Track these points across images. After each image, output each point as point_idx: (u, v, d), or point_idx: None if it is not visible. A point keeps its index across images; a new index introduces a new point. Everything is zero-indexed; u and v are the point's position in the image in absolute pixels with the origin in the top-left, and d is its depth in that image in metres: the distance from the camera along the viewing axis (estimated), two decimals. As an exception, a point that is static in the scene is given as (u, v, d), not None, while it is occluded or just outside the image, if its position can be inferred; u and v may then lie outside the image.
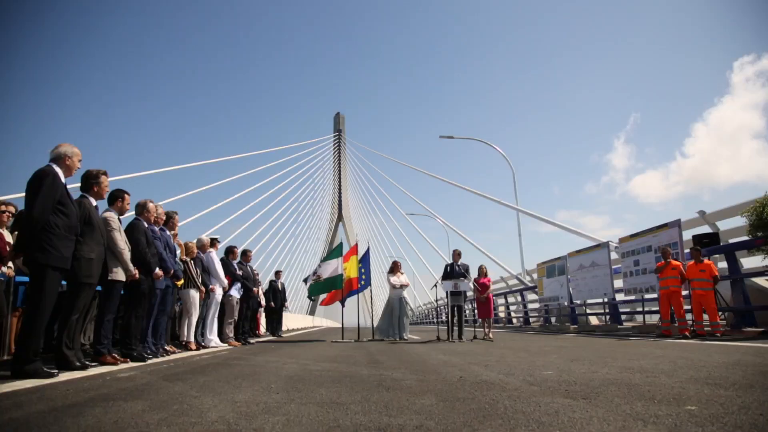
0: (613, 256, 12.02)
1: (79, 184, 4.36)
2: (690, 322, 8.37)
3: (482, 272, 10.43)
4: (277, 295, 14.98)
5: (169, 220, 6.45)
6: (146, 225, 5.35)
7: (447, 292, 9.31)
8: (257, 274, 11.29)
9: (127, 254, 4.72)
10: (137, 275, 4.91)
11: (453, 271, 9.62)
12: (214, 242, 8.34)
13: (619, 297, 11.75)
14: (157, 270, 5.33)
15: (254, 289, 9.62)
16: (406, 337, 10.01)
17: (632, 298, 10.99)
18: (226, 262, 8.57)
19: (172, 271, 5.90)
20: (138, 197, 5.45)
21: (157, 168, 20.35)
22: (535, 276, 17.76)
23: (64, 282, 4.07)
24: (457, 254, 9.87)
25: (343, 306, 10.85)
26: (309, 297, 11.34)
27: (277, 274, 16.43)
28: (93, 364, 4.33)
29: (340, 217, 64.59)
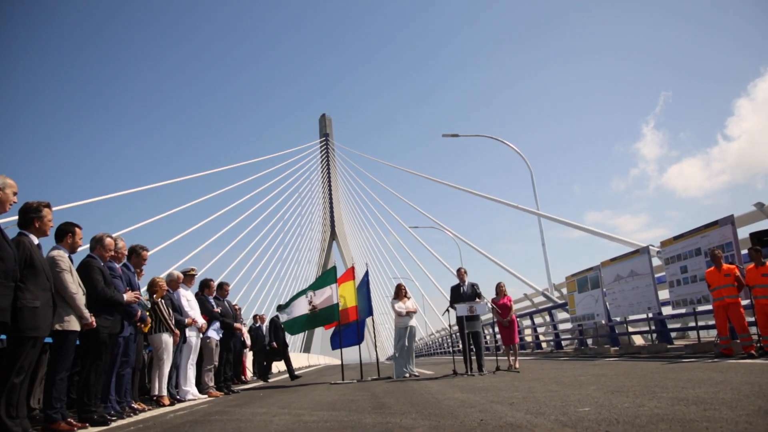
0: (656, 262, 11.96)
1: (16, 219, 4.32)
2: (755, 338, 8.28)
3: (501, 291, 10.40)
4: (258, 340, 14.92)
5: (133, 256, 6.42)
6: (102, 263, 5.32)
7: (462, 318, 9.25)
8: (239, 309, 11.24)
9: (81, 299, 4.69)
10: (94, 323, 4.87)
11: (462, 293, 9.59)
12: (189, 276, 8.29)
13: (666, 311, 11.66)
14: (126, 295, 5.33)
15: (237, 324, 9.57)
16: (415, 373, 9.94)
17: (682, 311, 10.86)
18: (201, 299, 8.53)
19: (139, 314, 5.87)
20: (89, 230, 5.43)
21: (109, 193, 20.25)
22: (564, 291, 17.64)
23: (2, 336, 4.02)
24: (462, 273, 9.86)
25: (341, 347, 10.78)
26: (290, 332, 11.27)
27: (257, 318, 16.32)
28: (44, 434, 4.26)
29: (333, 235, 64.63)
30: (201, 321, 8.03)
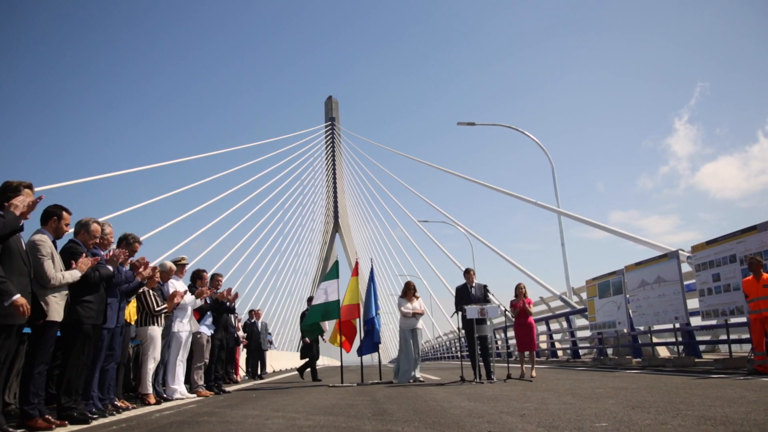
0: (686, 268, 11.88)
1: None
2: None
3: (522, 292, 10.39)
4: (253, 337, 15.04)
5: (123, 244, 6.43)
6: (85, 249, 5.34)
7: (471, 321, 9.25)
8: (231, 299, 11.23)
9: (61, 278, 4.71)
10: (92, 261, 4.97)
11: (469, 295, 9.59)
12: (179, 265, 8.33)
13: (695, 321, 11.59)
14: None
15: (231, 317, 9.64)
16: (420, 378, 9.97)
17: (712, 322, 10.76)
18: (193, 291, 8.57)
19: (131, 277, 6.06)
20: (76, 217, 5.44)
21: (100, 173, 20.42)
22: (584, 296, 17.59)
23: None
24: (471, 274, 9.86)
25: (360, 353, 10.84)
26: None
27: (252, 313, 16.44)
28: (20, 430, 4.28)
29: (336, 227, 64.82)
30: (191, 298, 8.07)
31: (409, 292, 10.42)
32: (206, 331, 8.71)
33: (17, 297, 4.05)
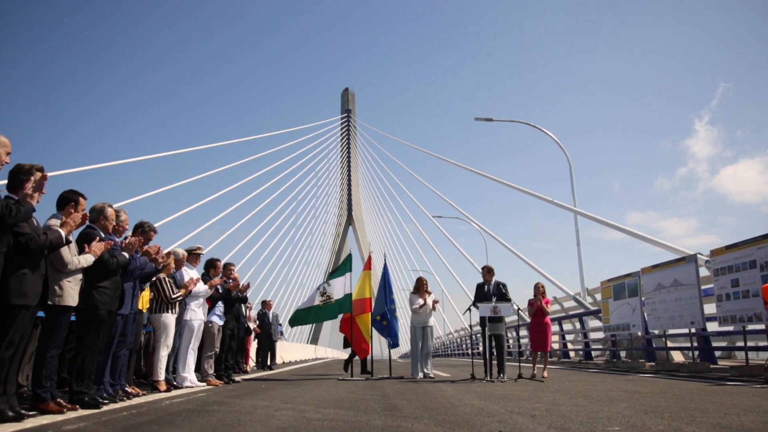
0: (703, 272, 11.75)
1: (5, 182, 4.34)
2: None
3: (540, 291, 10.35)
4: (264, 328, 15.19)
5: (139, 232, 6.48)
6: (102, 235, 5.39)
7: (484, 319, 9.24)
8: (242, 289, 11.29)
9: (77, 263, 4.76)
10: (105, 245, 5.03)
11: (486, 292, 9.56)
12: (194, 254, 8.39)
13: (712, 327, 11.47)
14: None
15: (243, 306, 9.69)
16: (430, 374, 9.97)
17: (729, 328, 10.65)
18: (207, 280, 8.63)
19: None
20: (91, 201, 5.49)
21: (116, 160, 20.61)
22: (598, 297, 17.46)
23: None
24: (487, 271, 9.82)
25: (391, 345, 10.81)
26: (291, 324, 11.37)
27: (265, 304, 16.58)
28: (31, 413, 4.32)
29: (350, 220, 64.95)
30: (203, 287, 8.12)
31: (421, 287, 10.41)
32: (217, 320, 8.77)
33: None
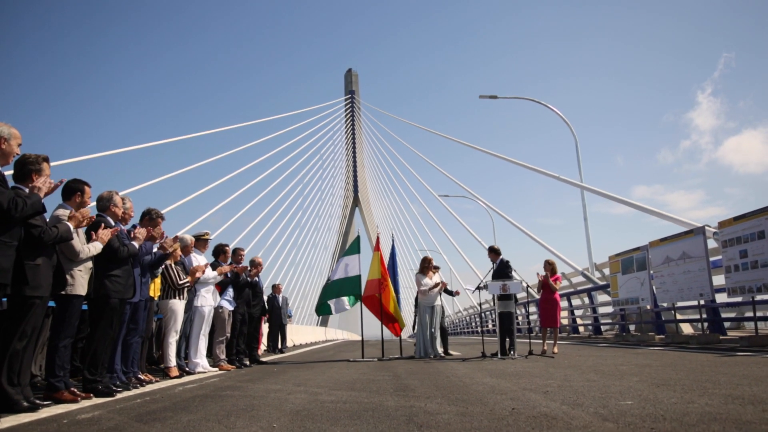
0: (712, 244, 11.71)
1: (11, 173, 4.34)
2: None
3: (552, 268, 10.35)
4: (274, 312, 15.30)
5: (146, 219, 6.49)
6: (112, 223, 5.40)
7: (494, 296, 9.27)
8: (252, 274, 11.32)
9: (88, 251, 4.78)
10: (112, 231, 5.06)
11: (495, 272, 9.62)
12: (202, 240, 8.40)
13: (721, 298, 11.47)
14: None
15: (255, 288, 9.71)
16: (442, 354, 10.03)
17: (738, 299, 10.64)
18: (216, 266, 8.66)
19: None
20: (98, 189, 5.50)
21: (120, 147, 20.62)
22: (606, 272, 17.48)
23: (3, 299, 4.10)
24: (493, 251, 9.84)
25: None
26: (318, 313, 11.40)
27: (275, 288, 16.70)
28: (46, 402, 4.34)
29: (356, 201, 64.99)
30: (212, 273, 8.16)
31: (427, 266, 10.42)
32: (227, 305, 8.82)
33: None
